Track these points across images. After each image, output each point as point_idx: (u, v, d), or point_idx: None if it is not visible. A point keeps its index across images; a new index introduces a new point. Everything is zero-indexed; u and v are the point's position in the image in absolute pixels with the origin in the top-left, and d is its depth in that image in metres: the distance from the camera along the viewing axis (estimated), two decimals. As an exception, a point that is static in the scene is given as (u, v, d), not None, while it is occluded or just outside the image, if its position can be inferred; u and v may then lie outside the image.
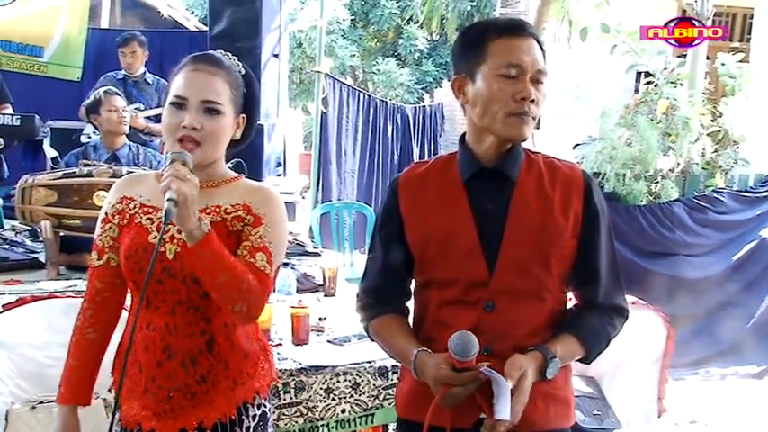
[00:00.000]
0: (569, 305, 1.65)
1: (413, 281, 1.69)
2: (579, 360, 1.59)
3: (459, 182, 1.57)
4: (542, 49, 1.53)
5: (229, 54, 1.67)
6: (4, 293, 2.87)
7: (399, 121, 7.96)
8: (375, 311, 1.69)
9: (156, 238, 1.56)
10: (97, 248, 1.64)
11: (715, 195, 4.80)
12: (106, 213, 1.65)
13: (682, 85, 5.13)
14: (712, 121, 5.09)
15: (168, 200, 1.39)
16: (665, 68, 5.16)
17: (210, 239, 1.46)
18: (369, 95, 7.94)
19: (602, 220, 1.58)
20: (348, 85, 7.70)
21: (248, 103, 1.67)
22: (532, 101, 1.48)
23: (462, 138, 1.63)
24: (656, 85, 5.10)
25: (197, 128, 1.55)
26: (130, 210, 1.62)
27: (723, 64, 5.27)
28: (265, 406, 1.71)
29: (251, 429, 1.66)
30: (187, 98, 1.56)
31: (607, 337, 1.59)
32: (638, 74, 6.35)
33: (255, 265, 1.54)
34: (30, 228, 4.04)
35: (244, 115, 1.66)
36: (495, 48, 1.50)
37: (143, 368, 1.58)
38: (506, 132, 1.51)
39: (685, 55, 5.46)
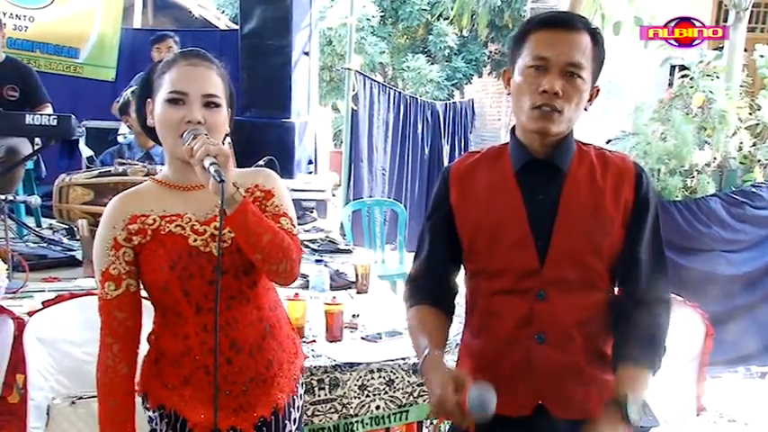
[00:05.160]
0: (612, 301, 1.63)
1: (461, 271, 1.68)
2: None
3: (510, 172, 1.57)
4: (596, 42, 1.51)
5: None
6: (43, 290, 2.92)
7: (429, 118, 7.93)
8: (412, 301, 1.69)
9: (196, 240, 1.56)
10: (112, 278, 1.56)
11: (753, 190, 4.69)
12: (114, 239, 1.57)
13: (718, 77, 5.03)
14: (750, 114, 4.99)
15: (212, 164, 1.42)
16: (701, 61, 5.06)
17: (248, 202, 1.49)
18: (399, 92, 7.92)
19: (651, 212, 1.57)
20: (378, 82, 7.69)
21: (232, 98, 1.67)
22: (556, 94, 1.46)
23: (513, 129, 1.63)
24: (691, 79, 5.01)
25: (201, 121, 1.53)
26: (150, 225, 1.57)
27: (762, 56, 5.16)
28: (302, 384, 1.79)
29: (300, 407, 1.75)
30: (187, 93, 1.54)
31: (663, 341, 1.56)
32: (673, 67, 6.25)
33: (284, 227, 1.58)
34: (67, 226, 4.11)
35: (229, 109, 1.65)
36: (531, 40, 1.51)
37: (209, 370, 1.55)
38: (530, 125, 1.51)
39: (722, 47, 5.35)
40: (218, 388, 1.51)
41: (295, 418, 1.71)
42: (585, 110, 1.56)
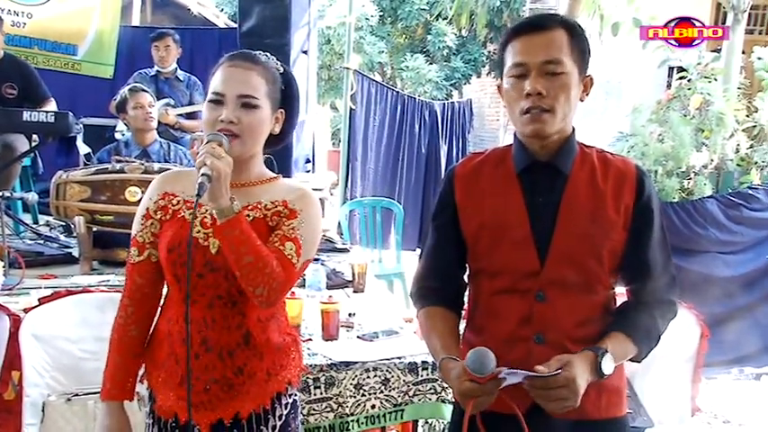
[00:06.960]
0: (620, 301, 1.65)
1: (467, 270, 1.69)
2: (630, 359, 1.59)
3: (513, 173, 1.60)
4: (572, 34, 1.53)
5: (268, 54, 1.69)
6: (40, 287, 2.92)
7: (428, 118, 7.92)
8: (423, 302, 1.70)
9: (199, 231, 1.59)
10: (137, 244, 1.65)
11: (750, 192, 4.70)
12: (147, 209, 1.66)
13: (716, 79, 5.04)
14: (747, 116, 5.00)
15: (202, 175, 1.44)
16: (699, 63, 5.07)
17: (240, 219, 1.50)
18: (397, 92, 7.91)
19: (655, 215, 1.58)
20: (376, 82, 7.68)
21: (287, 99, 1.69)
22: (539, 94, 1.49)
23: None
24: (689, 80, 5.01)
25: (234, 121, 1.57)
26: (173, 205, 1.65)
27: (759, 58, 5.17)
28: (296, 395, 1.76)
29: (284, 417, 1.71)
30: (224, 94, 1.59)
31: (658, 334, 1.60)
32: (671, 69, 6.26)
33: (283, 252, 1.56)
34: (64, 223, 4.11)
35: (282, 110, 1.68)
36: (509, 49, 1.56)
37: (179, 360, 1.59)
38: (525, 130, 1.55)
39: (720, 49, 5.36)
40: (190, 381, 1.51)
41: (274, 426, 1.68)
42: (582, 100, 1.58)
